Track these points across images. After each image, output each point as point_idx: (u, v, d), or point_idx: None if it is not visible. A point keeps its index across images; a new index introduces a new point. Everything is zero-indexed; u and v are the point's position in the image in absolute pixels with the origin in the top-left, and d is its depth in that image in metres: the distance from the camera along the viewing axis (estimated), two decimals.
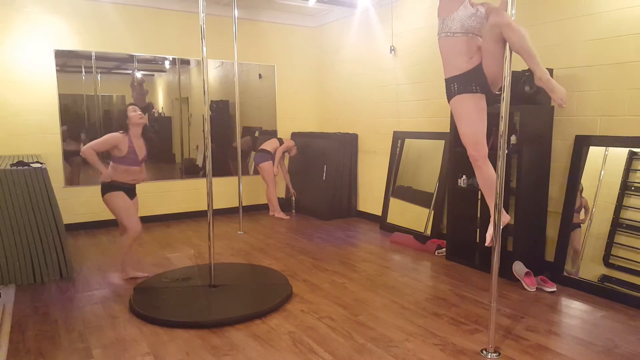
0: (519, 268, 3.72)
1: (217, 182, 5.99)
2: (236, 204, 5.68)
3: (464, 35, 2.58)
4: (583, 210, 3.69)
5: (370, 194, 6.16)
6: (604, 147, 3.58)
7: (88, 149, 3.55)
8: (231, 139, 6.44)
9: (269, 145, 6.23)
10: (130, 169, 3.67)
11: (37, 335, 2.90)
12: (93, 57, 5.50)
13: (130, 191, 3.76)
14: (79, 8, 5.33)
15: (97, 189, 3.74)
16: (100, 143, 3.60)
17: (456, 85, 2.64)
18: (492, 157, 3.88)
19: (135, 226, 3.69)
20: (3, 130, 5.08)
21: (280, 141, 6.29)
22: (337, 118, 6.68)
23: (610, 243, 3.48)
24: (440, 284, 3.77)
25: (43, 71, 5.23)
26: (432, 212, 5.04)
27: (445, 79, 2.74)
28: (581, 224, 3.68)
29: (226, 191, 6.35)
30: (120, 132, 3.65)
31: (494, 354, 2.59)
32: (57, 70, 5.30)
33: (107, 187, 3.64)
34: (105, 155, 3.74)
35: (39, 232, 3.83)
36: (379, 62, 5.77)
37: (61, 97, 5.34)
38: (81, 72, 5.49)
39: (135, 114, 3.65)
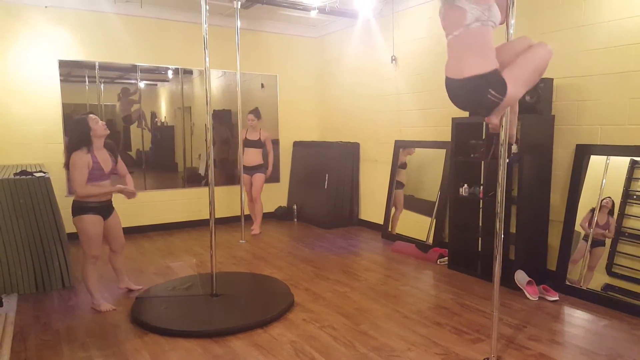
0: (521, 277, 3.71)
1: (219, 191, 5.99)
2: (238, 213, 5.69)
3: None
4: (607, 231, 3.52)
5: (372, 203, 6.16)
6: (605, 156, 3.58)
7: (82, 189, 3.28)
8: (233, 147, 6.45)
9: (255, 158, 5.80)
10: (100, 184, 3.39)
11: (39, 345, 2.90)
12: (96, 67, 5.54)
13: (105, 210, 3.48)
14: (83, 19, 5.38)
15: None
16: (80, 173, 3.28)
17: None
18: (494, 167, 3.90)
19: (93, 253, 3.41)
20: (7, 139, 5.11)
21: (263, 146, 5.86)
22: (338, 127, 6.70)
23: (613, 252, 3.47)
24: (443, 293, 3.76)
25: (47, 81, 5.27)
26: (434, 220, 5.04)
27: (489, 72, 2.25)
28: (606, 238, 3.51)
29: (228, 200, 6.36)
30: (83, 149, 3.32)
31: None
32: (60, 80, 5.34)
33: (78, 209, 3.35)
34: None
35: (41, 241, 3.83)
36: (380, 72, 5.80)
37: (65, 106, 5.37)
38: (85, 82, 5.53)
39: (98, 125, 3.37)
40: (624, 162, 3.48)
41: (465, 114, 4.31)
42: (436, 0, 4.92)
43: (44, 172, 4.02)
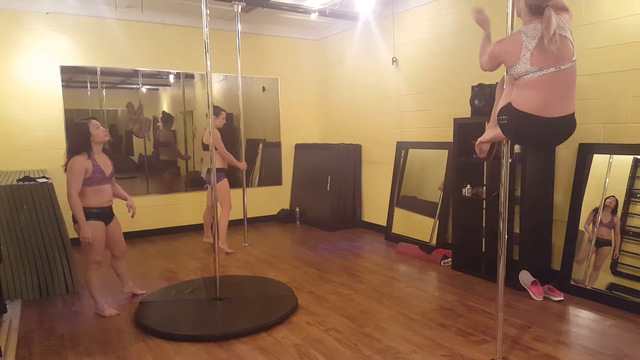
0: (525, 277, 3.69)
1: None
2: (241, 216, 5.69)
3: None
4: (612, 230, 3.48)
5: (374, 204, 6.16)
6: (608, 155, 3.57)
7: (72, 195, 3.23)
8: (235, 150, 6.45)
9: (218, 161, 4.97)
10: (101, 188, 3.38)
11: (43, 350, 2.91)
12: (98, 73, 5.56)
13: (106, 215, 3.47)
14: (84, 24, 5.40)
15: None
16: (76, 179, 3.24)
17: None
18: (497, 166, 3.89)
19: (96, 258, 3.40)
20: (10, 145, 5.13)
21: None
22: (340, 129, 6.70)
23: (617, 251, 3.46)
24: (447, 295, 3.74)
25: (49, 87, 5.29)
26: (437, 221, 5.03)
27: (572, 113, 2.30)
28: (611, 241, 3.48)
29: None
30: (83, 154, 3.31)
31: None
32: (63, 86, 5.35)
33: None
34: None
35: (45, 247, 3.84)
36: (381, 74, 5.80)
37: (67, 112, 5.39)
38: (87, 87, 5.55)
39: (99, 131, 3.37)
40: (627, 160, 3.47)
41: (467, 114, 4.30)
42: (436, 2, 4.94)
43: (47, 178, 4.03)
